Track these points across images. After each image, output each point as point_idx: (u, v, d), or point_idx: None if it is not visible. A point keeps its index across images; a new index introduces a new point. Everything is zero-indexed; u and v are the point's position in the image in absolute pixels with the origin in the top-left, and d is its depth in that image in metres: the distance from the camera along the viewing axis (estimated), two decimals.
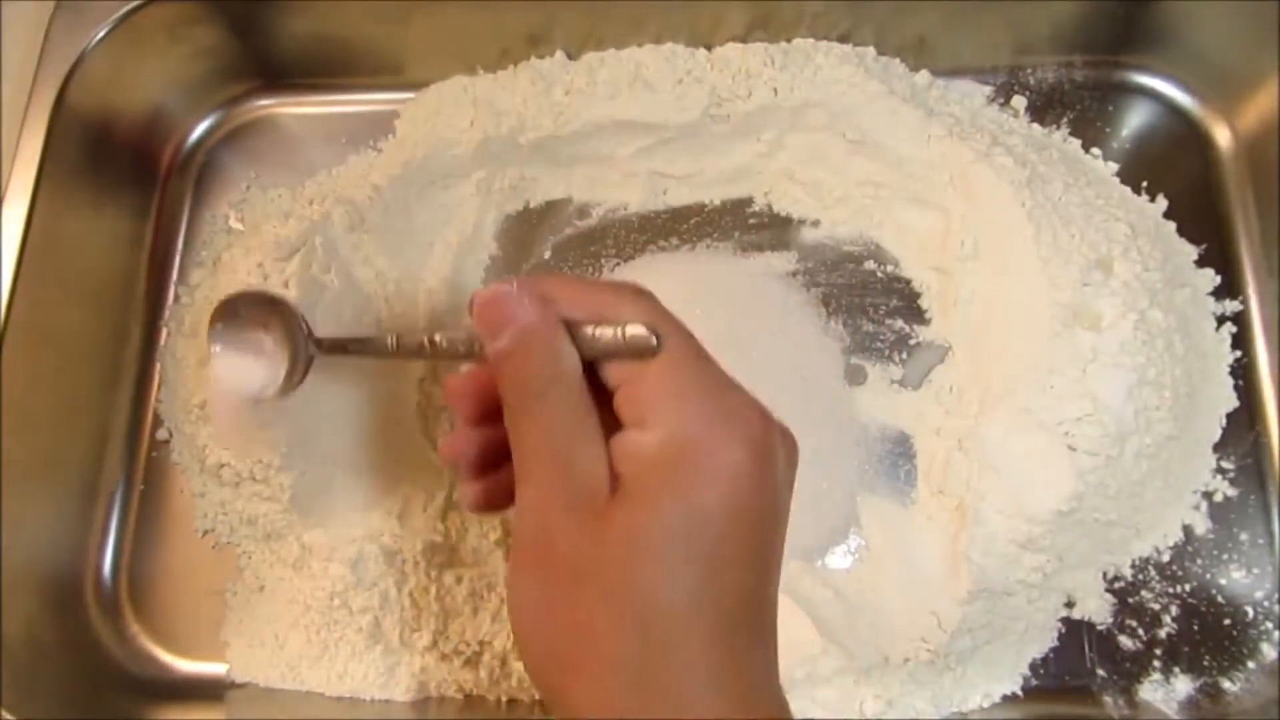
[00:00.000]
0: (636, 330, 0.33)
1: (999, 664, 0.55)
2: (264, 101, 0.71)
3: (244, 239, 0.62)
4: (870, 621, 0.54)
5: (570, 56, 0.65)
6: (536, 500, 0.33)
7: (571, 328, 0.34)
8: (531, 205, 0.67)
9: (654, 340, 0.33)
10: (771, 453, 0.33)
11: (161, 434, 0.63)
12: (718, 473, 0.31)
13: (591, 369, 0.34)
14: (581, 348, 0.34)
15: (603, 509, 0.32)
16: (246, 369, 0.48)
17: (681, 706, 0.30)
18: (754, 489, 0.32)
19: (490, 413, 0.37)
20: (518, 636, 0.33)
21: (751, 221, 0.66)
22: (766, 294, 0.63)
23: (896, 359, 0.61)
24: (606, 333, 0.34)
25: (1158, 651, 0.55)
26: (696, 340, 0.35)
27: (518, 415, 0.34)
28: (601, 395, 0.34)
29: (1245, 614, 0.55)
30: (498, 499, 0.38)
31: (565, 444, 0.33)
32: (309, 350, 0.47)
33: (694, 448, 0.32)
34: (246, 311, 0.49)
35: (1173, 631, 0.55)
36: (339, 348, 0.47)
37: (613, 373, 0.34)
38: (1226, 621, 0.55)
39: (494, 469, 0.38)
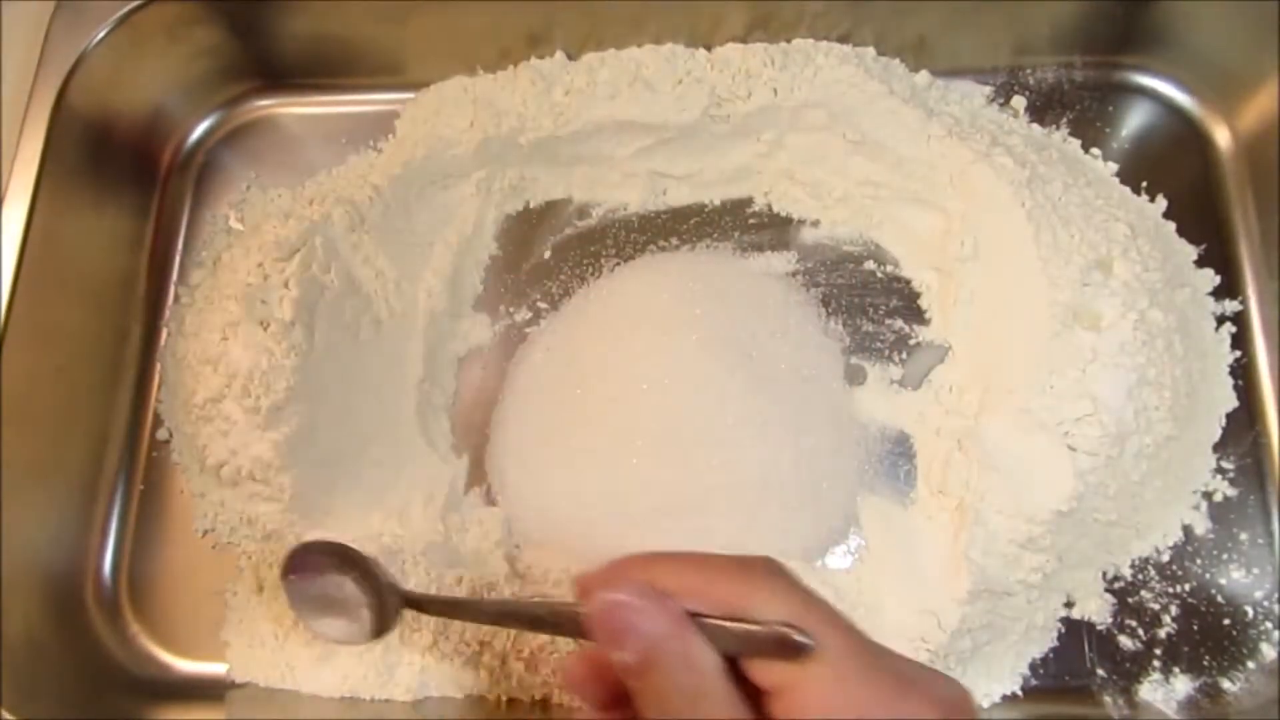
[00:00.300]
0: (784, 632, 0.29)
1: (999, 664, 0.55)
2: (264, 101, 0.71)
3: (244, 239, 0.62)
4: (870, 621, 0.54)
5: (570, 56, 0.65)
6: None
7: (700, 618, 0.30)
8: (531, 205, 0.67)
9: (807, 643, 0.29)
10: None
11: (161, 434, 0.63)
12: None
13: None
14: (716, 642, 0.30)
15: None
16: (328, 619, 0.47)
17: None
18: None
19: (620, 695, 0.32)
20: None
21: (751, 221, 0.66)
22: (766, 294, 0.63)
23: (896, 359, 0.62)
24: (748, 630, 0.29)
25: (1158, 651, 0.55)
26: (853, 628, 0.30)
27: None
28: (747, 682, 0.30)
29: (1245, 614, 0.55)
30: None
31: None
32: (395, 602, 0.45)
33: None
34: (316, 560, 0.47)
35: (1173, 631, 0.55)
36: (420, 604, 0.45)
37: (761, 674, 0.30)
38: (1226, 621, 0.55)
39: None
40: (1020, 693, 0.55)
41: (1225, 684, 0.54)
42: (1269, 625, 0.55)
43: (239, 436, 0.55)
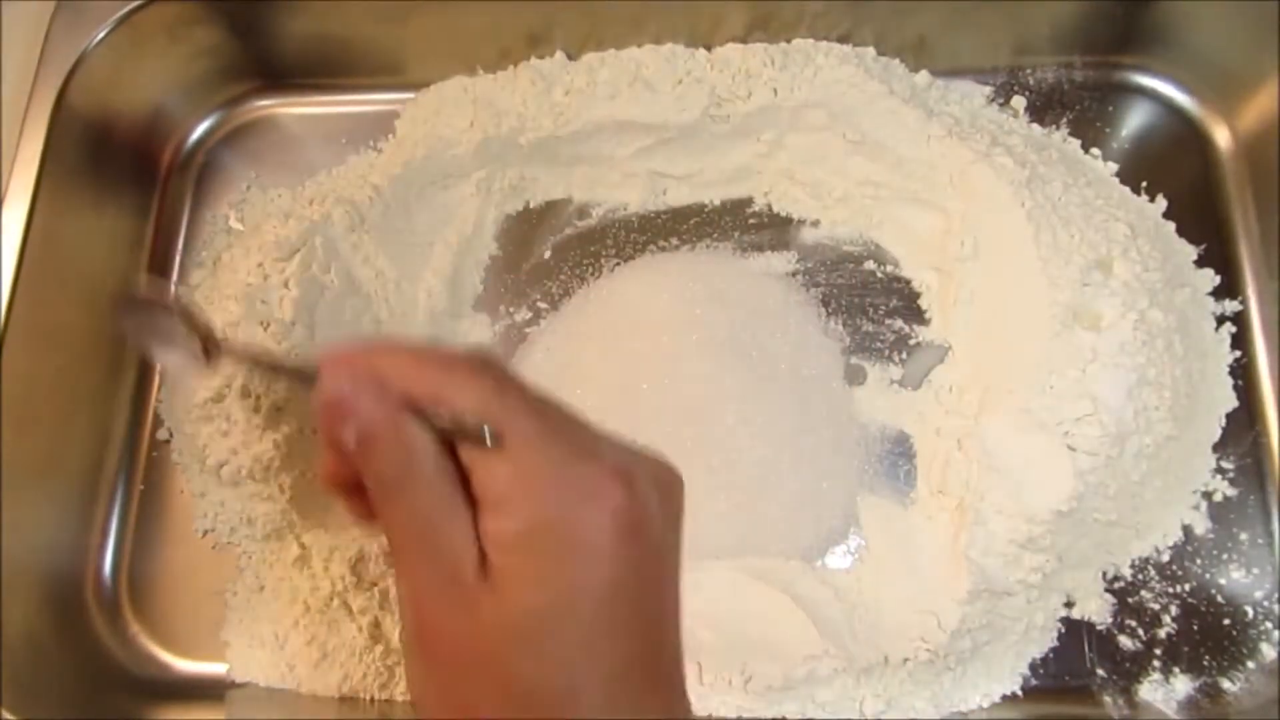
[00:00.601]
0: (472, 424, 0.32)
1: (999, 664, 0.55)
2: (264, 101, 0.71)
3: (244, 239, 0.62)
4: (870, 621, 0.54)
5: (570, 56, 0.65)
6: (411, 591, 0.33)
7: (417, 405, 0.33)
8: (531, 205, 0.67)
9: (489, 437, 0.32)
10: (638, 520, 0.32)
11: (161, 434, 0.63)
12: (579, 555, 0.31)
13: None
14: (430, 424, 0.33)
15: (473, 595, 0.31)
16: (165, 351, 0.48)
17: None
18: (621, 562, 0.31)
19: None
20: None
21: (751, 221, 0.66)
22: (766, 294, 0.63)
23: (896, 359, 0.61)
24: (446, 418, 0.32)
25: (1157, 651, 0.55)
26: (543, 410, 0.33)
27: (381, 505, 0.33)
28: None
29: (1245, 614, 0.55)
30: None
31: (429, 531, 0.32)
32: (214, 342, 0.45)
33: (552, 532, 0.31)
34: (145, 303, 0.48)
35: (1172, 631, 0.55)
36: (226, 348, 0.45)
37: (463, 454, 0.33)
38: (1226, 621, 0.55)
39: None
40: (1020, 693, 0.55)
41: (1225, 684, 0.54)
42: (1269, 625, 0.55)
43: (239, 436, 0.55)
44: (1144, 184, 0.63)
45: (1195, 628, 0.55)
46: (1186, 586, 0.56)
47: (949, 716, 0.54)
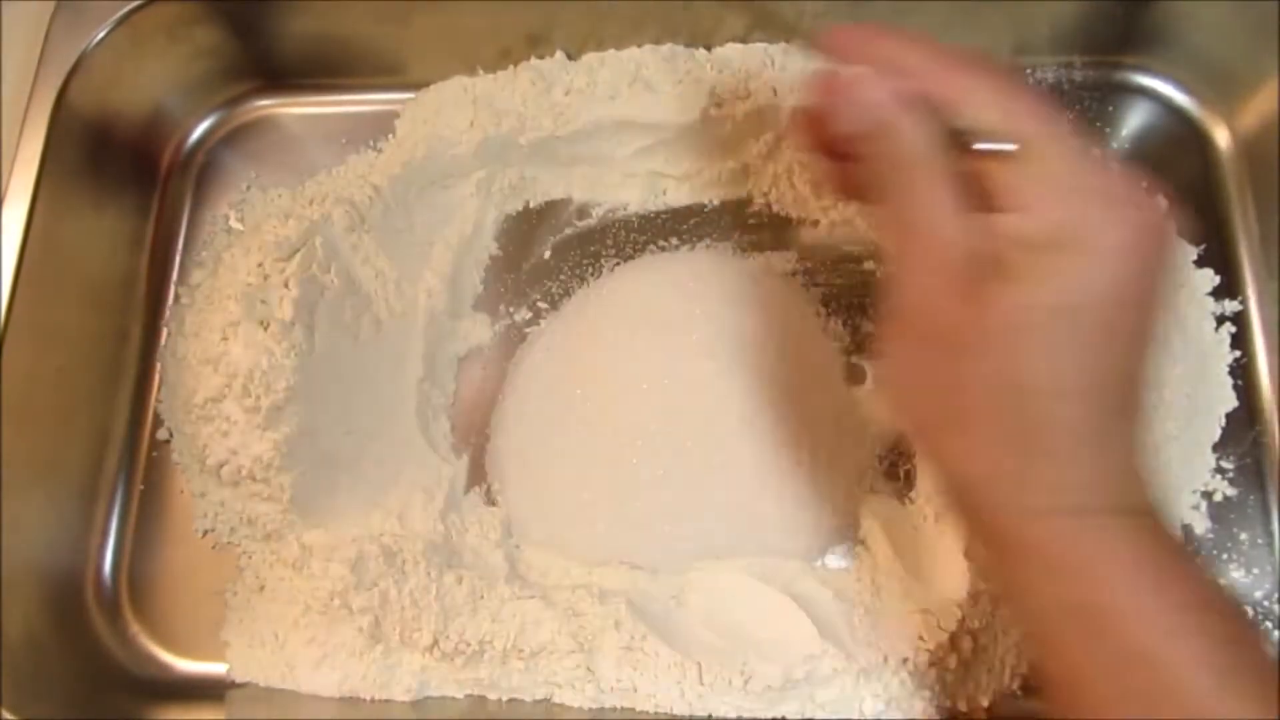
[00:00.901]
0: (995, 129, 0.34)
1: (999, 664, 0.54)
2: (264, 101, 0.71)
3: (244, 239, 0.62)
4: (870, 622, 0.54)
5: (570, 56, 0.65)
6: (914, 274, 0.35)
7: (934, 103, 0.34)
8: (531, 205, 0.67)
9: (1010, 143, 0.33)
10: (1155, 233, 0.33)
11: (161, 434, 0.63)
12: (1102, 257, 0.32)
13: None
14: (944, 121, 0.34)
15: (983, 287, 0.33)
16: None
17: (1053, 472, 0.33)
18: (1137, 270, 0.33)
19: (835, 148, 0.38)
20: (895, 396, 0.37)
21: (751, 221, 0.66)
22: (766, 294, 0.63)
23: None
24: (964, 125, 0.34)
25: None
26: (1058, 119, 0.34)
27: (888, 191, 0.35)
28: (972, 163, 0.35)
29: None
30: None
31: (938, 222, 0.34)
32: None
33: (1077, 233, 0.32)
34: None
35: None
36: None
37: (976, 156, 0.34)
38: None
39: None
40: (1020, 693, 0.54)
41: None
42: (1269, 625, 0.55)
43: (239, 436, 0.55)
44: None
45: None
46: None
47: (949, 716, 0.54)
